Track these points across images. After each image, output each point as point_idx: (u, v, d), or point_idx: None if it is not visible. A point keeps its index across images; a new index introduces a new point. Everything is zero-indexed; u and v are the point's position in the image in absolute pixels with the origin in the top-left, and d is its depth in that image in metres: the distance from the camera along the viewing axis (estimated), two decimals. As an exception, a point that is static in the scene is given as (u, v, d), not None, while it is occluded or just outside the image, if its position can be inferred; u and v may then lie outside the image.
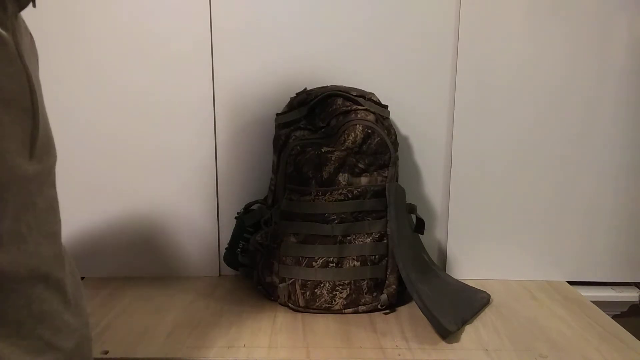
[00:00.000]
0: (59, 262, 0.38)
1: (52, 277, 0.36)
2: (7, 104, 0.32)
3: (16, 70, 0.33)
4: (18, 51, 0.34)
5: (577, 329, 0.71)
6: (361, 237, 0.74)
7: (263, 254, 0.77)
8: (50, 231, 0.38)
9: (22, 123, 0.34)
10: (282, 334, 0.68)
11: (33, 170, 0.35)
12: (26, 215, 0.35)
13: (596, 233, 0.90)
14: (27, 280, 0.34)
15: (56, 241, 0.39)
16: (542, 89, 0.86)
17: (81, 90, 0.83)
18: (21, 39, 0.36)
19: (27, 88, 0.34)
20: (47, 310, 0.35)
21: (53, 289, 0.36)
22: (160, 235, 0.88)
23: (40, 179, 0.37)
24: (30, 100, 0.34)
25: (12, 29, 0.34)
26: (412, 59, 0.86)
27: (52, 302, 0.36)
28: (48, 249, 0.36)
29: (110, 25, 0.82)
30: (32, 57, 0.40)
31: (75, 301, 0.39)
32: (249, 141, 0.87)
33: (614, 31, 0.84)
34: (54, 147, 0.40)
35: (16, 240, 0.33)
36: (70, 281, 0.39)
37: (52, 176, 0.40)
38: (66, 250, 0.41)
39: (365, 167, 0.73)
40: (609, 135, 0.87)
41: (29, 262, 0.34)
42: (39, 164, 0.36)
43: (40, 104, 0.37)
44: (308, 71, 0.85)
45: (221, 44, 0.84)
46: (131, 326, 0.70)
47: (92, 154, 0.85)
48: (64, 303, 0.37)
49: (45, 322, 0.34)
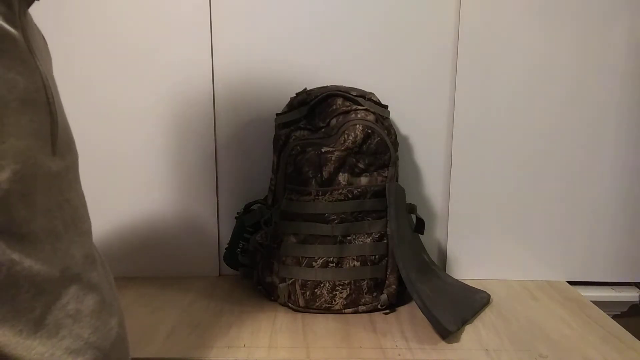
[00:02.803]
0: (91, 262, 0.38)
1: (85, 277, 0.36)
2: (23, 103, 0.32)
3: (29, 67, 0.33)
4: (29, 48, 0.33)
5: (577, 329, 0.71)
6: (361, 237, 0.74)
7: (263, 254, 0.77)
8: (83, 229, 0.38)
9: (40, 120, 0.34)
10: (282, 334, 0.68)
11: (57, 167, 0.35)
12: (61, 212, 0.35)
13: (596, 233, 0.90)
14: (60, 280, 0.33)
15: (88, 240, 0.39)
16: (543, 89, 0.86)
17: (81, 90, 0.83)
18: (32, 37, 0.35)
19: (41, 85, 0.34)
20: (83, 310, 0.35)
21: (87, 289, 0.36)
22: (161, 235, 0.88)
23: (67, 175, 0.37)
24: (45, 97, 0.34)
25: (22, 26, 0.33)
26: (412, 59, 0.86)
27: (88, 302, 0.35)
28: (80, 248, 0.36)
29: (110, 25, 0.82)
30: (46, 57, 0.40)
31: (109, 301, 0.39)
32: (249, 141, 0.87)
33: (618, 33, 0.84)
34: (75, 145, 0.40)
35: (51, 239, 0.33)
36: (105, 280, 0.39)
37: (77, 173, 0.40)
38: (98, 250, 0.41)
39: (365, 167, 0.73)
40: (609, 136, 0.87)
41: (62, 261, 0.34)
42: (62, 160, 0.36)
43: (57, 101, 0.36)
44: (308, 71, 0.85)
45: (221, 44, 0.84)
46: (131, 326, 0.69)
47: (92, 154, 0.85)
48: (100, 303, 0.37)
49: (82, 322, 0.34)
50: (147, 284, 0.85)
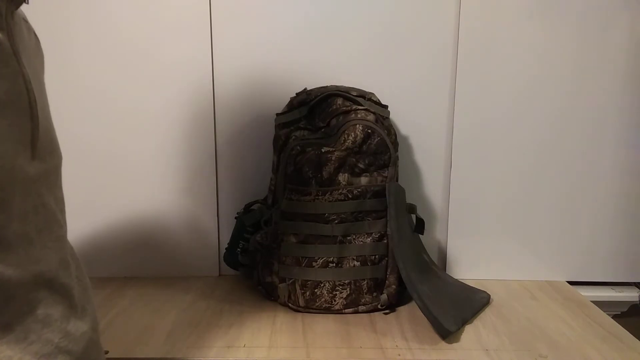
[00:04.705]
0: (64, 267, 0.37)
1: (56, 282, 0.36)
2: (3, 107, 0.32)
3: (11, 71, 0.33)
4: (14, 51, 0.33)
5: (577, 329, 0.71)
6: (361, 237, 0.74)
7: (263, 254, 0.77)
8: (57, 234, 0.37)
9: (20, 124, 0.33)
10: (282, 334, 0.68)
11: (36, 171, 0.35)
12: (36, 217, 0.34)
13: (596, 233, 0.89)
14: (31, 285, 0.33)
15: (62, 245, 0.38)
16: (542, 89, 0.86)
17: (81, 90, 0.83)
18: (19, 39, 0.35)
19: (23, 88, 0.34)
20: (53, 315, 0.35)
21: (58, 294, 0.36)
22: (160, 235, 0.88)
23: (47, 179, 0.36)
24: (28, 101, 0.34)
25: (7, 28, 0.33)
26: (412, 59, 0.86)
27: (58, 307, 0.35)
28: (54, 253, 0.36)
29: (110, 25, 0.82)
30: (36, 58, 0.40)
31: (82, 305, 0.38)
32: (249, 141, 0.87)
33: (618, 33, 0.84)
34: (58, 147, 0.40)
35: (24, 244, 0.33)
36: (77, 285, 0.39)
37: (59, 177, 0.39)
38: (74, 253, 0.41)
39: (365, 167, 0.73)
40: (609, 136, 0.87)
41: (35, 267, 0.34)
42: (43, 163, 0.36)
43: (40, 104, 0.36)
44: (308, 71, 0.85)
45: (221, 44, 0.84)
46: (131, 326, 0.70)
47: (92, 155, 0.85)
48: (70, 308, 0.37)
49: (52, 327, 0.34)
50: (147, 284, 0.85)
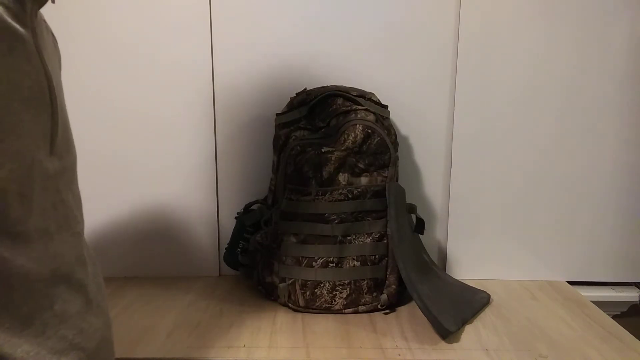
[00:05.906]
0: (81, 263, 0.38)
1: (74, 278, 0.36)
2: (26, 102, 0.32)
3: (35, 67, 0.33)
4: (37, 49, 0.33)
5: (577, 329, 0.71)
6: (361, 237, 0.74)
7: (263, 254, 0.77)
8: (75, 230, 0.38)
9: (41, 120, 0.34)
10: (282, 334, 0.68)
11: (54, 167, 0.35)
12: (55, 212, 0.35)
13: (596, 233, 0.89)
14: (49, 279, 0.34)
15: (80, 241, 0.39)
16: (543, 89, 0.86)
17: (81, 90, 0.83)
18: (41, 37, 0.35)
19: (45, 85, 0.34)
20: (69, 311, 0.35)
21: (75, 290, 0.36)
22: (161, 235, 0.88)
23: (64, 176, 0.37)
24: (49, 98, 0.34)
25: (32, 26, 0.33)
26: (413, 58, 0.86)
27: (75, 303, 0.36)
28: (72, 249, 0.37)
29: (110, 26, 0.82)
30: (54, 57, 0.40)
31: (97, 302, 0.39)
32: (248, 141, 0.87)
33: (618, 33, 0.84)
34: (74, 146, 0.40)
35: (44, 239, 0.33)
36: (92, 282, 0.39)
37: (75, 174, 0.40)
38: (90, 251, 0.41)
39: (365, 167, 0.73)
40: (609, 136, 0.87)
41: (53, 261, 0.34)
42: (60, 160, 0.36)
43: (60, 102, 0.37)
44: (308, 71, 0.85)
45: (221, 44, 0.84)
46: (131, 326, 0.70)
47: (91, 154, 0.85)
48: (86, 304, 0.37)
49: (68, 323, 0.34)
50: (147, 284, 0.85)
